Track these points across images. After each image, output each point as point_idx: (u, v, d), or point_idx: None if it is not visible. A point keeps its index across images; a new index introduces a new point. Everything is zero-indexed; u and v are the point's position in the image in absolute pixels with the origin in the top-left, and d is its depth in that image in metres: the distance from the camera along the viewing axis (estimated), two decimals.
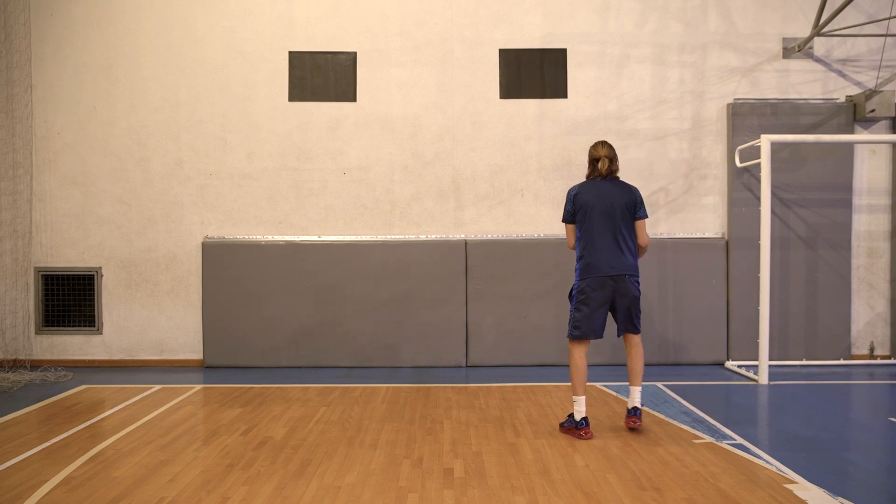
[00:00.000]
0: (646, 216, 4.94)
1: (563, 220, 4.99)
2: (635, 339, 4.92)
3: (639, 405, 4.87)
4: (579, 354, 4.86)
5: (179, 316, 7.57)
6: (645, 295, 7.48)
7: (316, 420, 5.25)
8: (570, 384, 6.48)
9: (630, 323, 4.87)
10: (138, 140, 7.56)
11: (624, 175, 7.62)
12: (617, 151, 7.48)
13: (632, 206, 4.85)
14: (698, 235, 7.60)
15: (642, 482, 3.89)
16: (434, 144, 7.61)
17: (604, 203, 4.83)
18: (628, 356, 4.96)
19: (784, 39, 7.61)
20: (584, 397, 4.79)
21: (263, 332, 7.41)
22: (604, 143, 4.98)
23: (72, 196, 7.56)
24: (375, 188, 7.62)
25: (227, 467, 4.18)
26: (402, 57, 7.59)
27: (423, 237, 7.59)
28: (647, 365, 7.36)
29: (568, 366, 7.36)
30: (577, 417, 4.77)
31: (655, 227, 7.63)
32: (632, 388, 4.90)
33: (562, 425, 4.91)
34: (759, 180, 6.87)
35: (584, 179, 5.04)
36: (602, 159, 4.91)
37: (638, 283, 4.86)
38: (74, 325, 7.59)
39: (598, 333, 4.86)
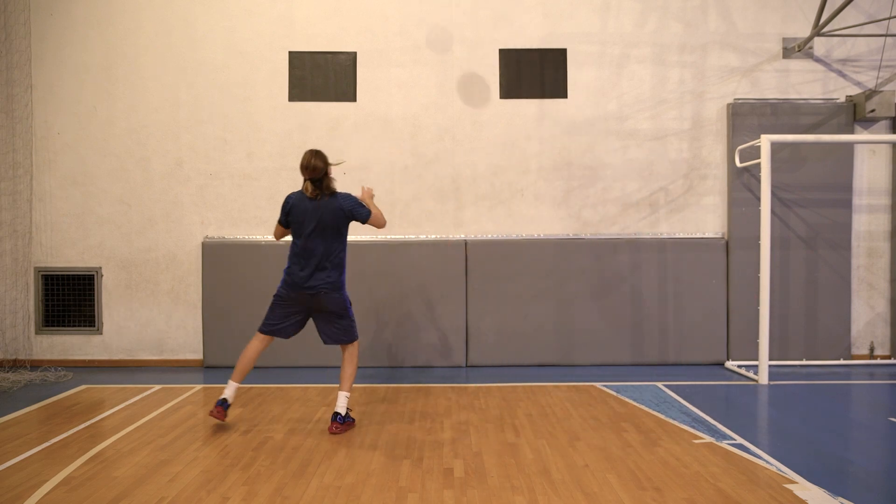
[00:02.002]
0: (368, 213, 4.96)
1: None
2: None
3: (340, 411, 4.91)
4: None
5: (179, 316, 7.57)
6: (645, 295, 7.50)
7: (316, 420, 5.25)
8: (569, 384, 6.49)
9: (327, 334, 5.04)
10: (138, 140, 7.56)
11: (624, 175, 7.65)
12: (617, 151, 7.62)
13: (343, 219, 4.93)
14: (698, 235, 7.60)
15: (642, 482, 3.89)
16: (434, 144, 7.61)
17: None
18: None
19: (784, 39, 7.61)
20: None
21: None
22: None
23: (72, 196, 7.56)
24: (375, 188, 7.59)
25: (227, 467, 4.18)
26: (402, 57, 7.59)
27: (423, 237, 7.59)
28: (647, 365, 7.43)
29: (566, 365, 7.40)
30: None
31: (655, 226, 7.63)
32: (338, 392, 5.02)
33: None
34: (759, 180, 6.87)
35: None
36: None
37: (342, 296, 4.95)
38: (74, 325, 7.59)
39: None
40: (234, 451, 4.50)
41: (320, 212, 4.84)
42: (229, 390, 5.03)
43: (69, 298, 7.58)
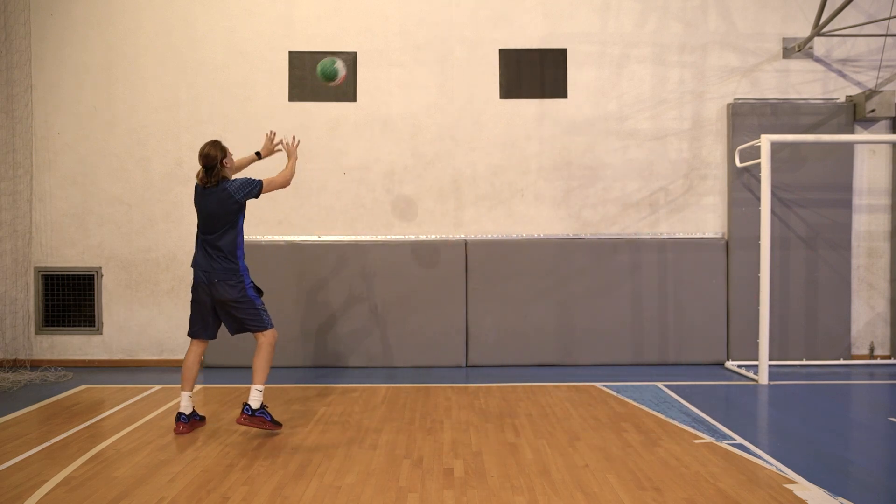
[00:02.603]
0: (258, 184, 4.96)
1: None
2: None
3: (251, 403, 4.75)
4: None
5: (179, 316, 7.57)
6: (645, 295, 7.50)
7: (316, 420, 5.25)
8: (569, 384, 6.49)
9: (231, 324, 5.00)
10: (138, 140, 7.56)
11: (624, 175, 7.65)
12: (617, 151, 7.62)
13: (231, 207, 4.88)
14: (698, 235, 7.60)
15: (642, 482, 3.89)
16: (434, 144, 7.61)
17: None
18: None
19: (784, 39, 7.61)
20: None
21: None
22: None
23: (72, 196, 7.56)
24: (375, 188, 7.62)
25: (227, 467, 4.18)
26: (402, 57, 7.59)
27: (423, 237, 7.59)
28: (647, 365, 7.43)
29: (566, 365, 7.40)
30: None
31: (655, 226, 7.63)
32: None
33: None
34: (759, 180, 6.87)
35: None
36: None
37: (235, 283, 4.87)
38: (74, 325, 7.59)
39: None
40: (234, 451, 4.50)
41: (207, 199, 4.85)
42: (183, 402, 4.97)
43: (69, 298, 7.58)
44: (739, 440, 4.67)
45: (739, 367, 7.19)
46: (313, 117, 7.58)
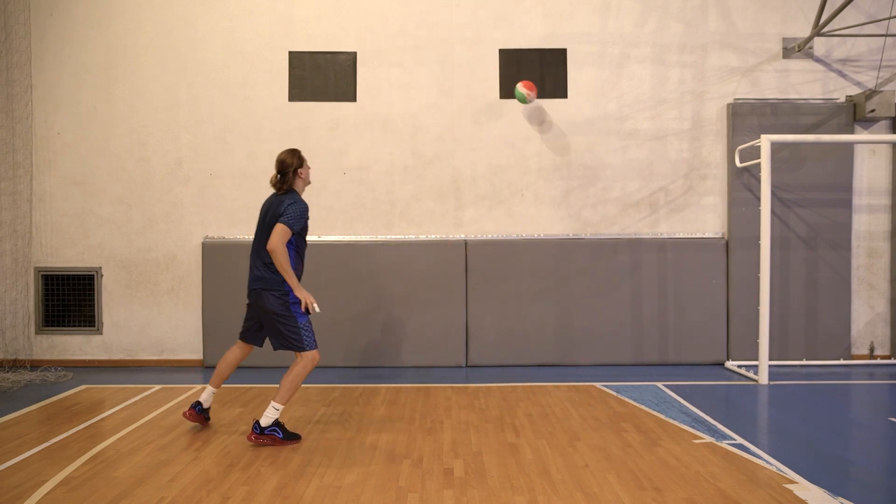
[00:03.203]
0: (285, 222, 4.54)
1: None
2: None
3: (261, 421, 4.56)
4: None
5: (179, 316, 7.57)
6: (645, 295, 7.50)
7: (316, 420, 5.25)
8: (569, 384, 6.49)
9: (273, 338, 4.77)
10: (138, 140, 7.56)
11: (624, 175, 7.65)
12: (617, 151, 7.62)
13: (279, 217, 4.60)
14: (698, 235, 7.60)
15: (642, 482, 3.89)
16: (434, 144, 7.61)
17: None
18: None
19: (784, 39, 7.61)
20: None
21: None
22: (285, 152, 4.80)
23: (72, 196, 7.55)
24: (375, 188, 7.62)
25: (227, 467, 4.18)
26: (402, 57, 7.59)
27: (423, 237, 7.59)
28: (647, 365, 7.43)
29: (566, 365, 7.40)
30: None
31: (655, 226, 7.63)
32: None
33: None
34: (759, 180, 6.87)
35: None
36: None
37: (279, 297, 4.63)
38: (74, 325, 7.59)
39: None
40: (234, 451, 4.49)
41: (268, 205, 4.79)
42: (205, 394, 4.99)
43: (69, 298, 7.58)
44: (739, 440, 4.67)
45: (739, 367, 7.19)
46: (313, 117, 7.58)
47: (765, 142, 6.57)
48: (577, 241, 7.54)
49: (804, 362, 7.39)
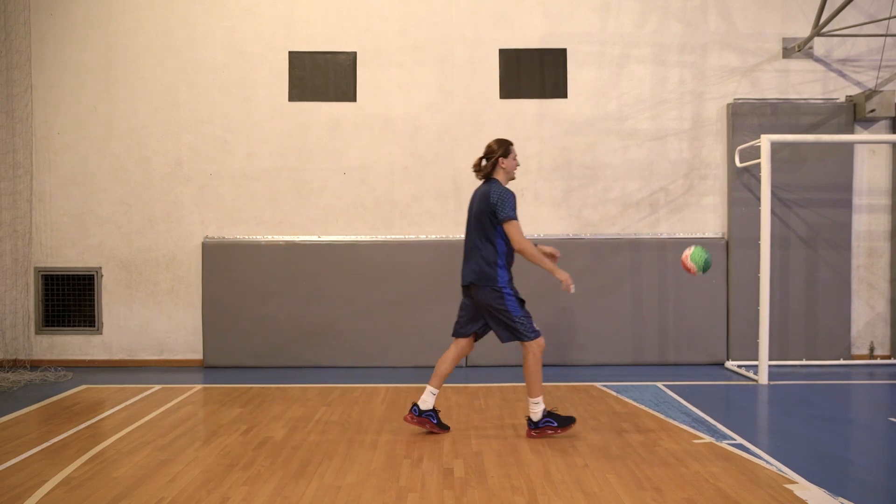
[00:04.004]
0: (508, 217, 4.54)
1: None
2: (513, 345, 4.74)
3: (532, 416, 4.67)
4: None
5: (179, 316, 7.57)
6: (645, 295, 7.50)
7: (316, 420, 5.25)
8: (569, 384, 6.49)
9: (497, 332, 4.78)
10: (138, 140, 7.56)
11: (624, 175, 7.65)
12: (617, 151, 7.61)
13: (487, 211, 4.58)
14: (698, 235, 7.60)
15: (642, 482, 3.89)
16: (434, 144, 7.61)
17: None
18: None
19: (784, 39, 7.61)
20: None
21: (263, 332, 7.41)
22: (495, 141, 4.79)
23: (72, 196, 7.55)
24: (375, 188, 7.62)
25: (227, 467, 4.18)
26: (402, 57, 7.59)
27: (423, 237, 7.59)
28: (647, 365, 7.43)
29: (566, 365, 7.40)
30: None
31: (655, 226, 7.63)
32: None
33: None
34: (759, 180, 6.86)
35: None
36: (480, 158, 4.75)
37: (493, 290, 4.63)
38: (74, 325, 7.59)
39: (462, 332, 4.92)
40: (234, 451, 4.49)
41: (475, 195, 4.76)
42: (424, 394, 4.84)
43: (69, 298, 7.57)
44: (739, 440, 4.67)
45: (739, 367, 7.18)
46: (313, 117, 7.58)
47: (765, 142, 6.57)
48: (577, 241, 7.54)
49: (804, 362, 7.39)
